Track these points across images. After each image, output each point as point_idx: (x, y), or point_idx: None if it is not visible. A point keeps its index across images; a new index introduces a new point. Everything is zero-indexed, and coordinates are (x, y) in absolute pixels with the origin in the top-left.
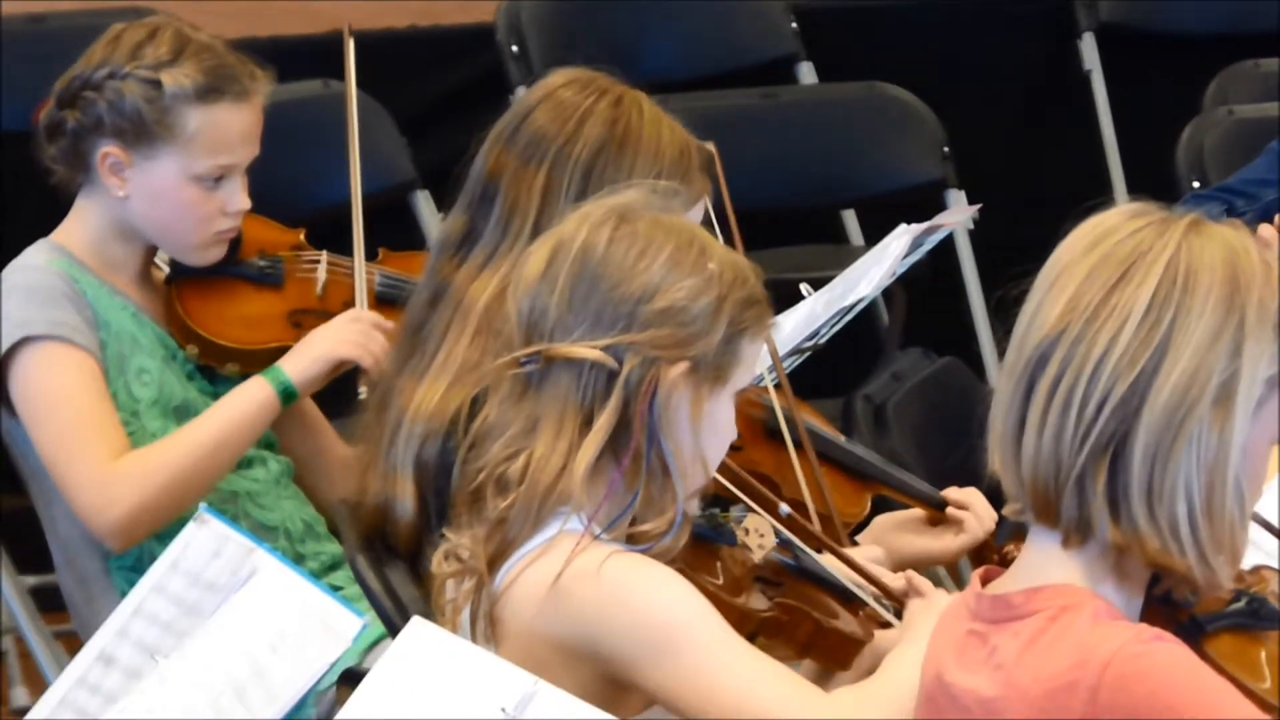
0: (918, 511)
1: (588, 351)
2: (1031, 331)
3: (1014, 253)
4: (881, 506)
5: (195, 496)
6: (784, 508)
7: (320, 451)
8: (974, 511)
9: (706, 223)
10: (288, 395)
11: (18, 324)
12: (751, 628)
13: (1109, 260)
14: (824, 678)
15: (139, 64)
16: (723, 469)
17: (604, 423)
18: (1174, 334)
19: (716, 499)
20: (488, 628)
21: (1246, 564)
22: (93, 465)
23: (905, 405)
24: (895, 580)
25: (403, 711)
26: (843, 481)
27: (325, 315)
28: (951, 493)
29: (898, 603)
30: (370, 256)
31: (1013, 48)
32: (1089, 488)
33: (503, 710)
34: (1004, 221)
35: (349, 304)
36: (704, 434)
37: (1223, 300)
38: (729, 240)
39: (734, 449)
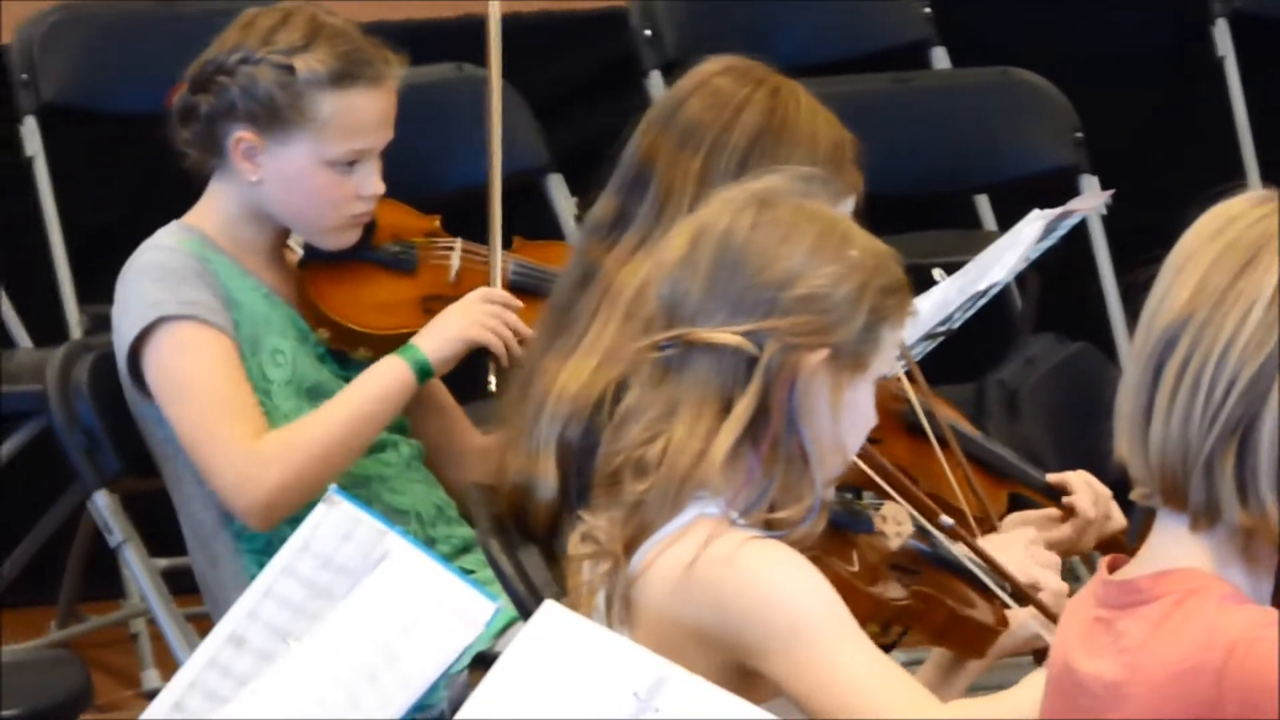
0: (1052, 511)
1: (728, 337)
2: (1159, 316)
3: (1147, 238)
4: (1015, 503)
5: (334, 475)
6: (945, 519)
7: (451, 436)
8: (1077, 493)
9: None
10: (424, 373)
11: (151, 304)
12: (887, 615)
13: (1236, 246)
14: (958, 666)
15: (272, 49)
16: (864, 457)
17: (743, 409)
18: None
19: (853, 487)
20: (623, 610)
21: None
22: (234, 445)
23: (1038, 390)
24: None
25: (534, 695)
26: (981, 479)
27: None
28: (1055, 478)
29: (1034, 601)
30: (504, 244)
31: (1146, 33)
32: (1217, 471)
33: (634, 695)
34: (1137, 207)
35: None
36: (843, 421)
37: None
38: None
39: (872, 441)
